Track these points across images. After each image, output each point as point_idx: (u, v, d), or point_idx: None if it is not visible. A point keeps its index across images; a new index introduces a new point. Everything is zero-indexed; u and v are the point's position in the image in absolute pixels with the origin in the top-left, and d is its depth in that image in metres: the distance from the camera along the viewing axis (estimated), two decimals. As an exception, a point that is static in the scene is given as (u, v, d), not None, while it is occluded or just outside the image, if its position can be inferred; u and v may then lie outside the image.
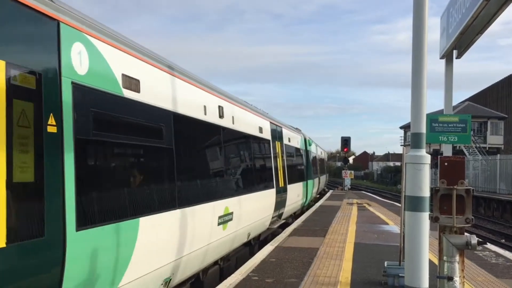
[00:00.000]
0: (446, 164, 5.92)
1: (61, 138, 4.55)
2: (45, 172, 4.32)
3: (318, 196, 33.07)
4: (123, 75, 5.81)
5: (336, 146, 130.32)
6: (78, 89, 4.86)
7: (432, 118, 9.42)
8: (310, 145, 26.37)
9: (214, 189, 8.97)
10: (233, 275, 9.04)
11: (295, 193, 18.79)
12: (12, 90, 4.01)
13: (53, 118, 4.46)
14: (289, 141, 18.40)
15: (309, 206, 26.15)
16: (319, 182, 31.73)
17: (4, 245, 3.84)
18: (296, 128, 23.32)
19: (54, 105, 4.48)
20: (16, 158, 4.02)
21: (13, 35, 4.14)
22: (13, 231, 3.92)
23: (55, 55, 4.59)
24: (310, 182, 24.38)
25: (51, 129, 4.44)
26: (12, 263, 3.95)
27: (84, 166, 4.93)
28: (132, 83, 6.02)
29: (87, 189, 4.95)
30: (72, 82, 4.76)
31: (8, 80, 3.98)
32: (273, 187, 14.10)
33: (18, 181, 4.05)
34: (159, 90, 6.91)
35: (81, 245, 4.78)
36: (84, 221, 4.82)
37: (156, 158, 6.77)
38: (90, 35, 5.20)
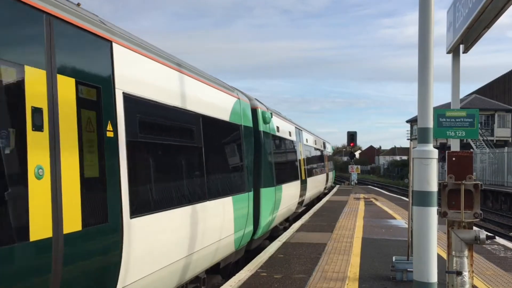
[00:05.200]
0: (454, 159, 5.93)
1: None
2: None
3: (326, 191, 33.45)
4: None
5: (342, 141, 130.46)
6: None
7: (439, 113, 9.37)
8: (323, 144, 30.31)
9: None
10: (241, 271, 9.09)
11: (312, 185, 22.21)
12: None
13: None
14: (307, 141, 22.05)
15: (319, 199, 26.55)
16: (327, 179, 32.55)
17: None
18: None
19: None
20: None
21: None
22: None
23: None
24: (323, 176, 28.15)
25: None
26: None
27: None
28: None
29: None
30: None
31: None
32: (298, 179, 17.29)
33: None
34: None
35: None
36: None
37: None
38: None
